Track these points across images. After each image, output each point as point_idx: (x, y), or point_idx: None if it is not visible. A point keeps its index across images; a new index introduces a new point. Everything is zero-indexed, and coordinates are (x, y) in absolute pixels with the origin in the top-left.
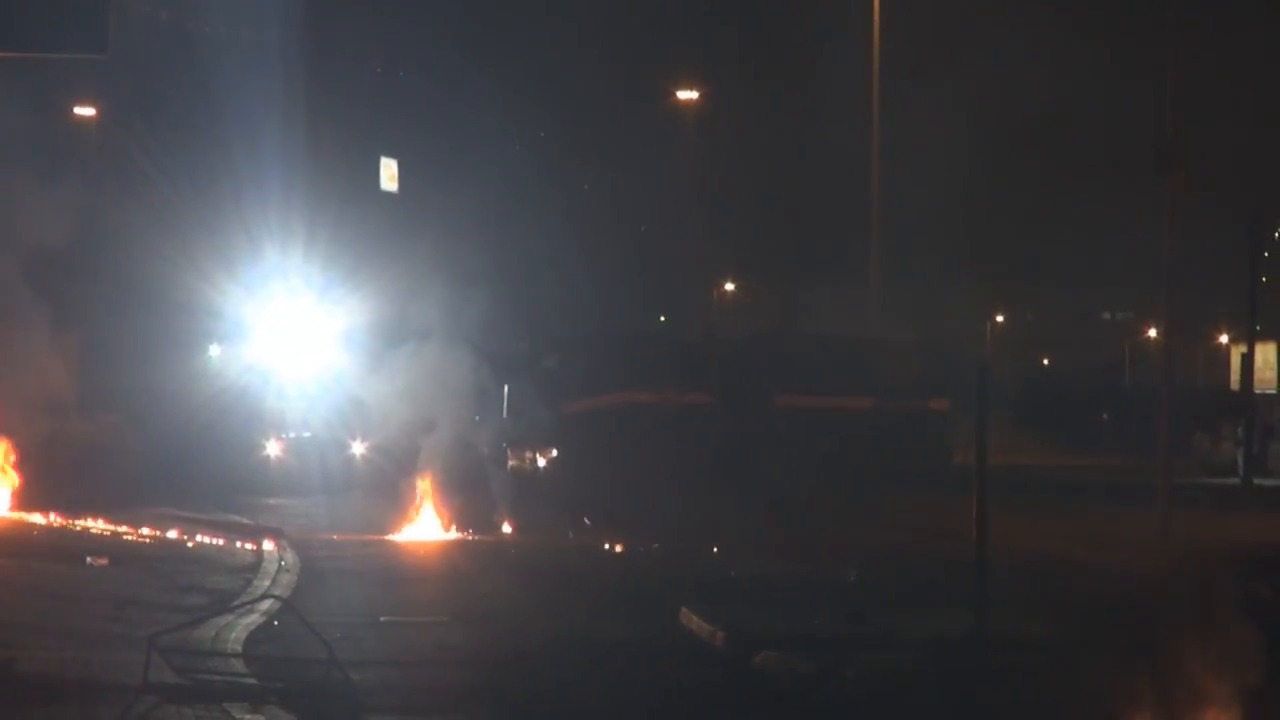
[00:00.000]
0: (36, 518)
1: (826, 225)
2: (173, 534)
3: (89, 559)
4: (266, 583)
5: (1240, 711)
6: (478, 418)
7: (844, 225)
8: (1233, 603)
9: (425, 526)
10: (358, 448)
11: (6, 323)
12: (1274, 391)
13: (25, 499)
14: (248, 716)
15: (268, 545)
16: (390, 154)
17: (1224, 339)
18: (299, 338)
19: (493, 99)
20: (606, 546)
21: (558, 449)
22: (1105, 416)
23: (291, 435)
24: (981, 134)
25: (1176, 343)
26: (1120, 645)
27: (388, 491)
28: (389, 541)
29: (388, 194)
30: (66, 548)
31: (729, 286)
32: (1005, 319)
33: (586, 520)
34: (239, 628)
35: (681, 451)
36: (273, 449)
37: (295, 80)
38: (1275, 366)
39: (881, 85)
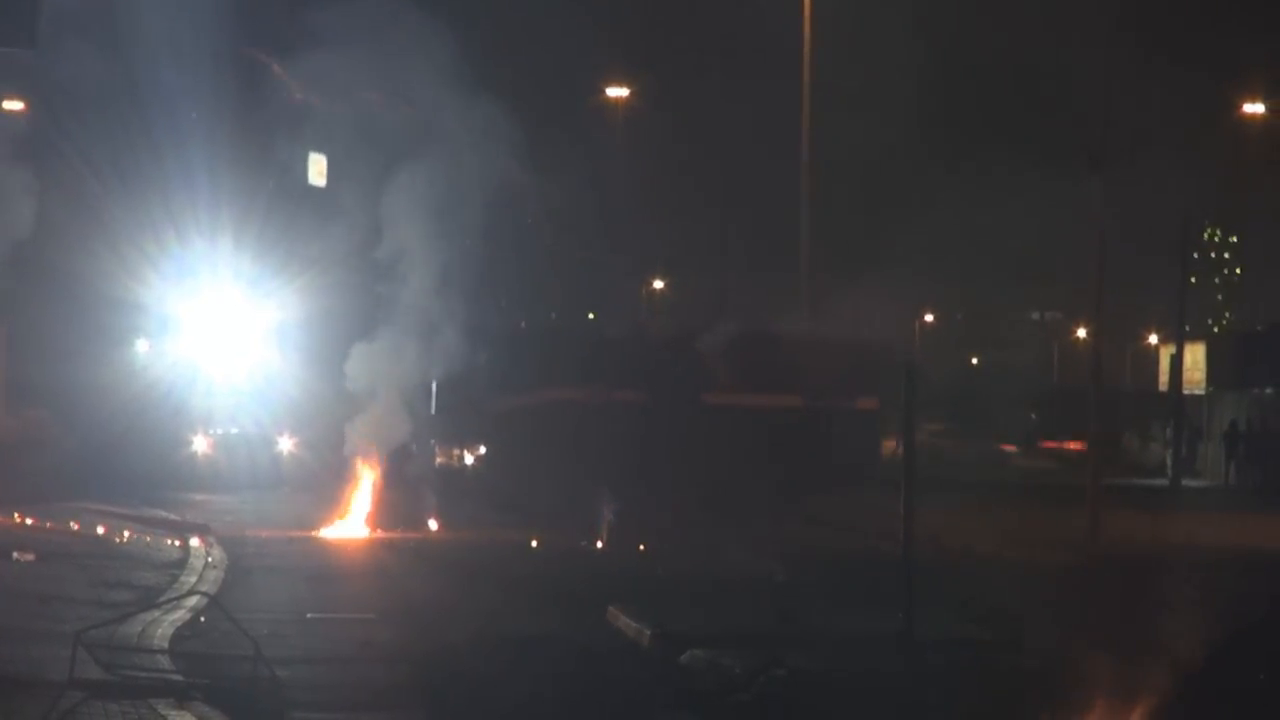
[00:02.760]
0: None
1: (758, 224)
2: (99, 530)
3: (15, 554)
4: (193, 579)
5: (1157, 706)
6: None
7: (776, 224)
8: (1152, 605)
9: (353, 523)
10: (285, 444)
11: None
12: (1202, 392)
13: None
14: (173, 713)
15: (194, 542)
16: (319, 149)
17: (1153, 339)
18: (227, 333)
19: (425, 92)
20: (534, 544)
21: (486, 446)
22: (1033, 416)
23: (219, 431)
24: (914, 131)
25: (1104, 343)
26: (1044, 644)
27: (315, 488)
28: (316, 538)
29: (315, 189)
30: None
31: (658, 284)
32: (934, 318)
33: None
34: (165, 624)
35: (610, 449)
36: (200, 444)
37: (223, 74)
38: (1203, 368)
39: (812, 81)
